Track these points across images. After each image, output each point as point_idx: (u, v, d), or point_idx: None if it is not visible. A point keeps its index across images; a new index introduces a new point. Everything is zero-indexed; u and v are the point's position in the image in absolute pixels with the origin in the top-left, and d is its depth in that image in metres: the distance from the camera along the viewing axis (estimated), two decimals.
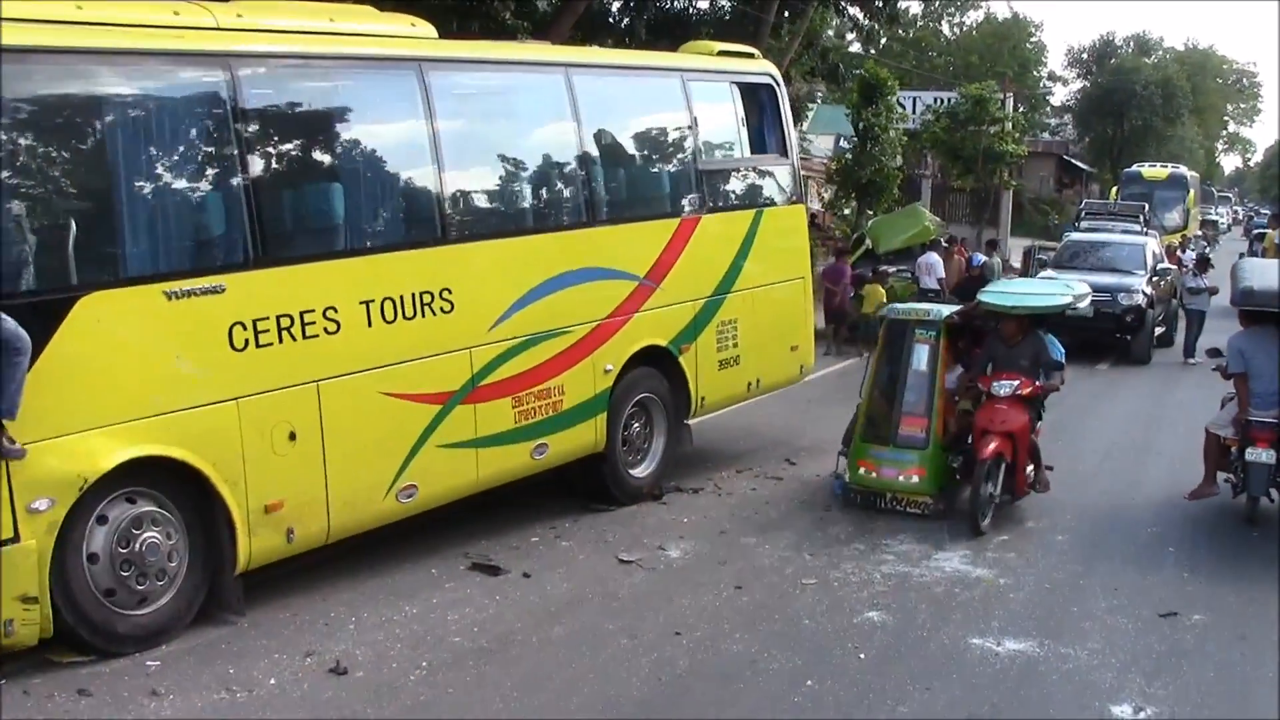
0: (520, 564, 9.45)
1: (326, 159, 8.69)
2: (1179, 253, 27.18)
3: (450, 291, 9.11)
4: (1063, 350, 11.10)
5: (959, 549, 10.06)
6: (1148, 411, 16.72)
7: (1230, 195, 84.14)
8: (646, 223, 11.12)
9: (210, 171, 7.91)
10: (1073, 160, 71.39)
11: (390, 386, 8.73)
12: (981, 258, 23.31)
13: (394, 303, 8.73)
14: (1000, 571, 9.57)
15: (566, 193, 10.51)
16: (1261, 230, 46.99)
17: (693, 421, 12.07)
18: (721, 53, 12.56)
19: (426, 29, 9.63)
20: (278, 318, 8.03)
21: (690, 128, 11.57)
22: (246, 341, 7.87)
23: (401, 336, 8.79)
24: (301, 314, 8.17)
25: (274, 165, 8.28)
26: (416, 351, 8.92)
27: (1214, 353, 11.81)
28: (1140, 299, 20.76)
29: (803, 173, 34.54)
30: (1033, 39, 73.11)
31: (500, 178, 9.93)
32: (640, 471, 11.25)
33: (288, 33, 8.48)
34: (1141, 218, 32.04)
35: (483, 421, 9.45)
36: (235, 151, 7.90)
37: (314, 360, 8.25)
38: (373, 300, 8.61)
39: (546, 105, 10.40)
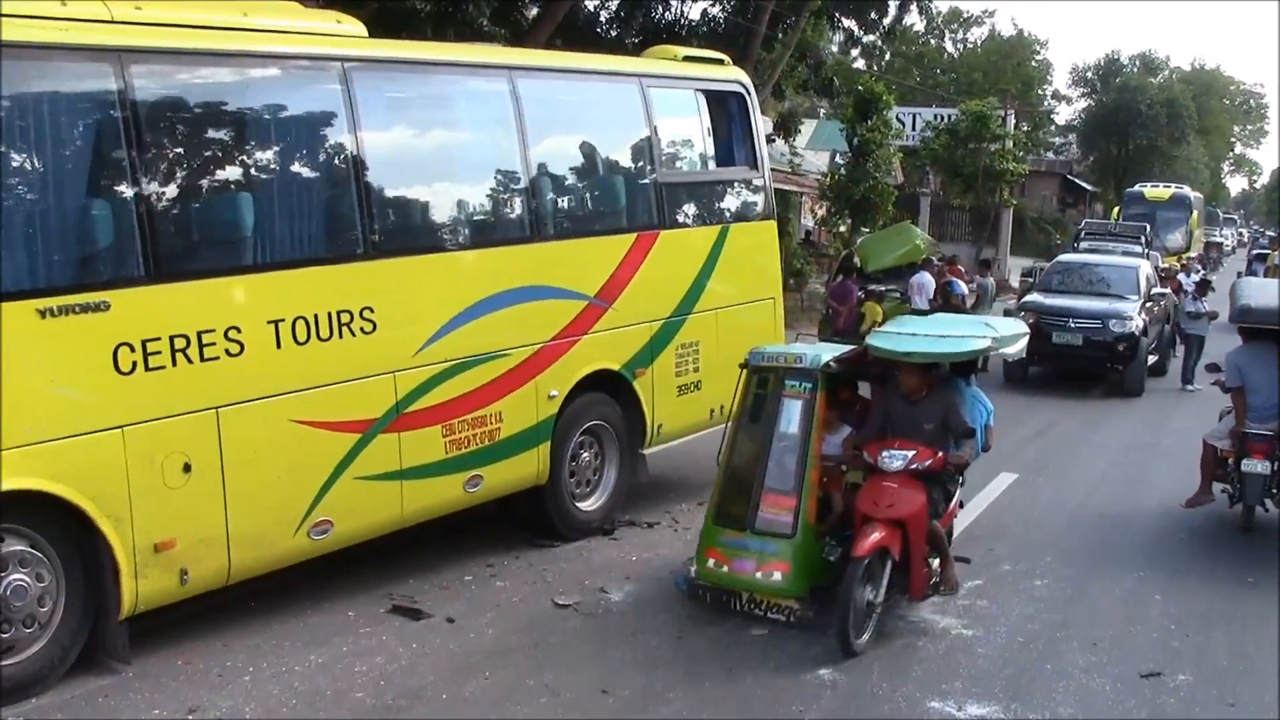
0: (447, 606, 8.71)
1: (232, 165, 7.92)
2: (1179, 276, 26.23)
3: (372, 311, 8.37)
4: (990, 410, 9.48)
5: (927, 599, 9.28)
6: (1142, 441, 15.84)
7: (1235, 217, 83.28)
8: (598, 238, 10.38)
9: (96, 177, 7.18)
10: (1076, 180, 70.76)
11: (301, 414, 7.99)
12: (962, 287, 20.86)
13: (307, 323, 7.99)
14: (969, 621, 8.80)
15: (508, 206, 9.77)
16: (1263, 252, 46.19)
17: (651, 451, 11.30)
18: (687, 58, 11.83)
19: (355, 27, 8.89)
20: (171, 338, 7.29)
21: (649, 137, 10.84)
22: (134, 364, 7.13)
23: (315, 359, 8.05)
24: (199, 334, 7.43)
25: (170, 171, 7.52)
26: (332, 376, 8.17)
27: (1213, 368, 12.25)
28: (1133, 326, 19.39)
29: (797, 190, 34.28)
30: (1038, 56, 72.48)
31: (432, 189, 9.17)
32: (589, 504, 10.50)
33: (192, 28, 7.71)
34: (1143, 239, 31.40)
35: (408, 452, 8.70)
36: (125, 156, 7.17)
37: (213, 385, 7.50)
38: (282, 320, 7.87)
39: (487, 111, 9.67)
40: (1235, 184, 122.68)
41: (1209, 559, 10.57)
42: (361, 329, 8.31)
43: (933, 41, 69.57)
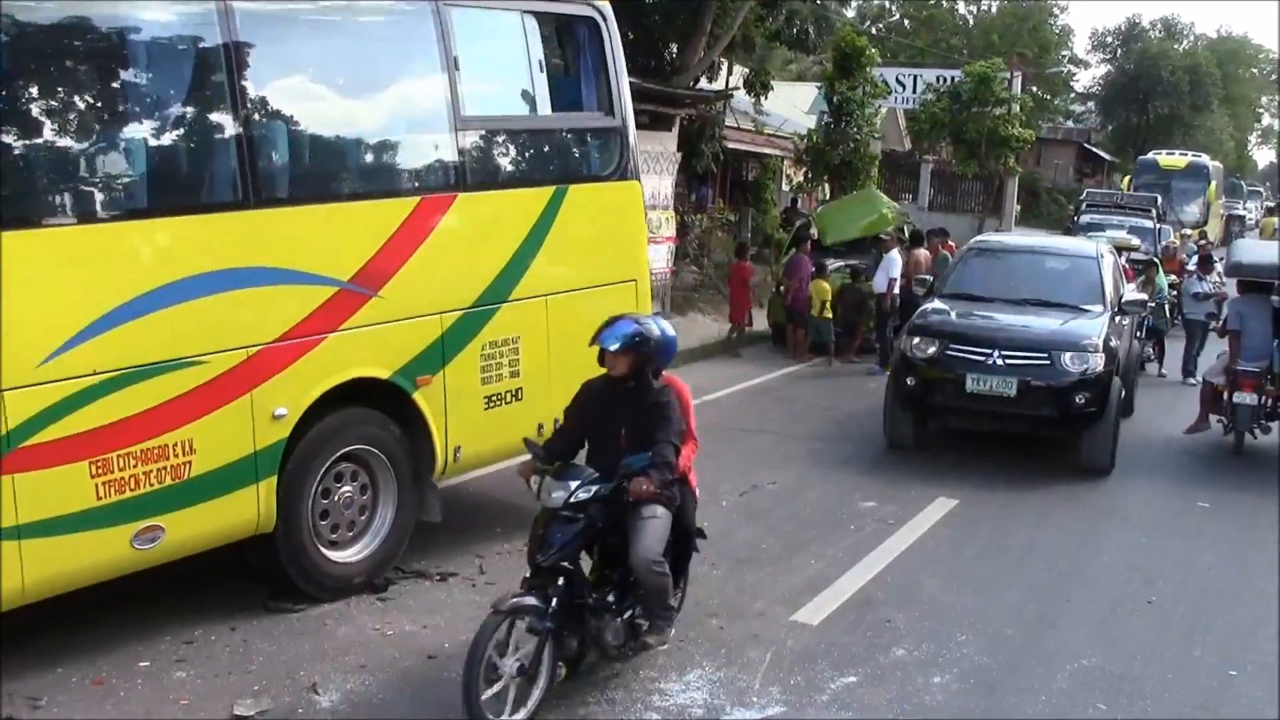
0: (89, 709, 6.19)
1: None
2: (1179, 256, 23.22)
3: None
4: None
5: (772, 697, 6.73)
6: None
7: (1261, 190, 79.84)
8: (357, 203, 7.81)
9: None
10: (1094, 149, 67.82)
11: None
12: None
13: None
14: None
15: (207, 160, 7.18)
16: (1238, 214, 44.82)
17: (453, 481, 8.76)
18: None
19: None
20: None
21: (445, 71, 8.22)
22: None
23: None
24: None
25: None
26: None
27: (1213, 315, 14.89)
28: (1098, 361, 11.77)
29: (775, 153, 31.49)
30: (1056, 20, 69.25)
31: (75, 136, 6.56)
32: (350, 554, 7.97)
33: None
34: (1154, 211, 28.67)
35: (29, 500, 6.16)
36: None
37: None
38: None
39: (172, 32, 7.02)
40: (1263, 156, 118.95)
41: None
42: None
43: (944, 3, 66.53)
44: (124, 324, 6.51)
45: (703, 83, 24.62)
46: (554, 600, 6.13)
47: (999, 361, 11.70)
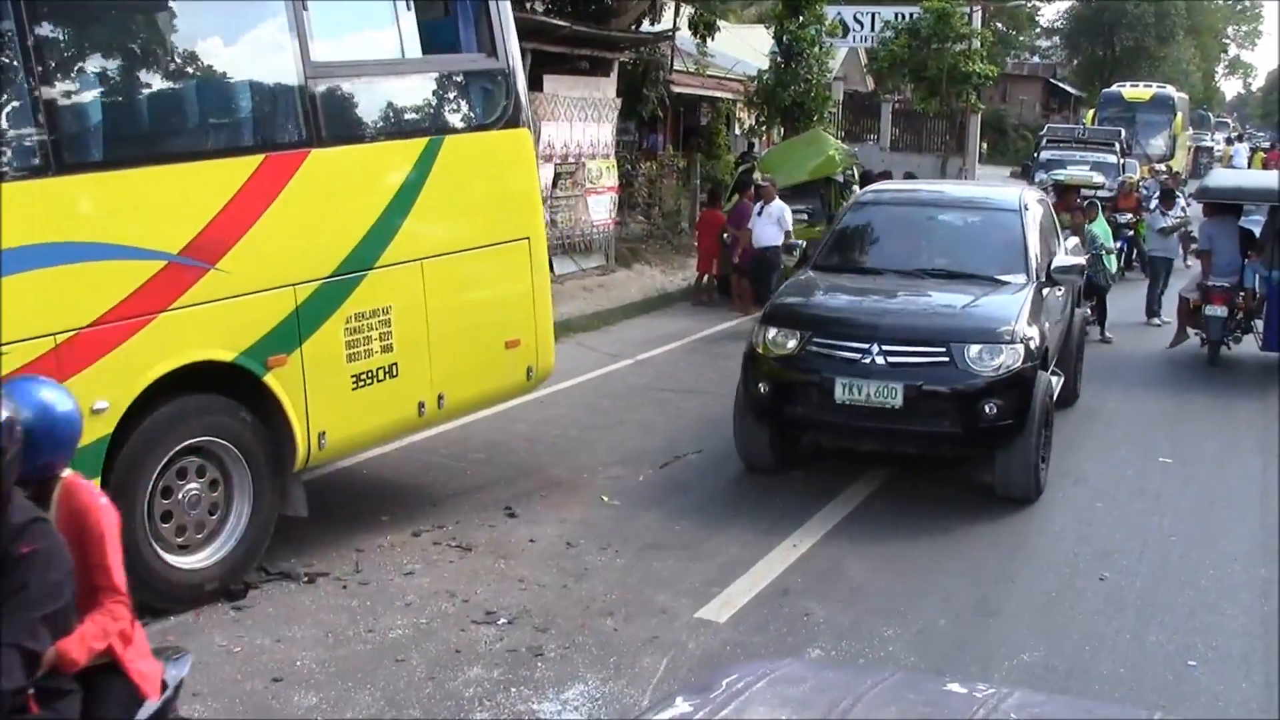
0: None
1: None
2: (1137, 192, 22.07)
3: None
4: None
5: None
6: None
7: (1229, 120, 78.99)
8: (185, 165, 6.85)
9: None
10: (1060, 84, 67.05)
11: None
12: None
13: None
14: None
15: None
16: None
17: (320, 473, 7.89)
18: None
19: None
20: None
21: (290, 10, 7.25)
22: None
23: None
24: None
25: None
26: None
27: (1191, 239, 16.89)
28: (1016, 354, 8.73)
29: (727, 96, 30.45)
30: None
31: None
32: (201, 559, 7.08)
33: None
34: (1118, 145, 27.88)
35: None
36: None
37: None
38: None
39: None
40: (1230, 87, 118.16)
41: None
42: None
43: None
44: None
45: (646, 25, 23.58)
46: None
47: (879, 360, 8.62)
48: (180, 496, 6.96)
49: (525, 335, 8.77)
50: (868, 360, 8.65)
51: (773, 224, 16.49)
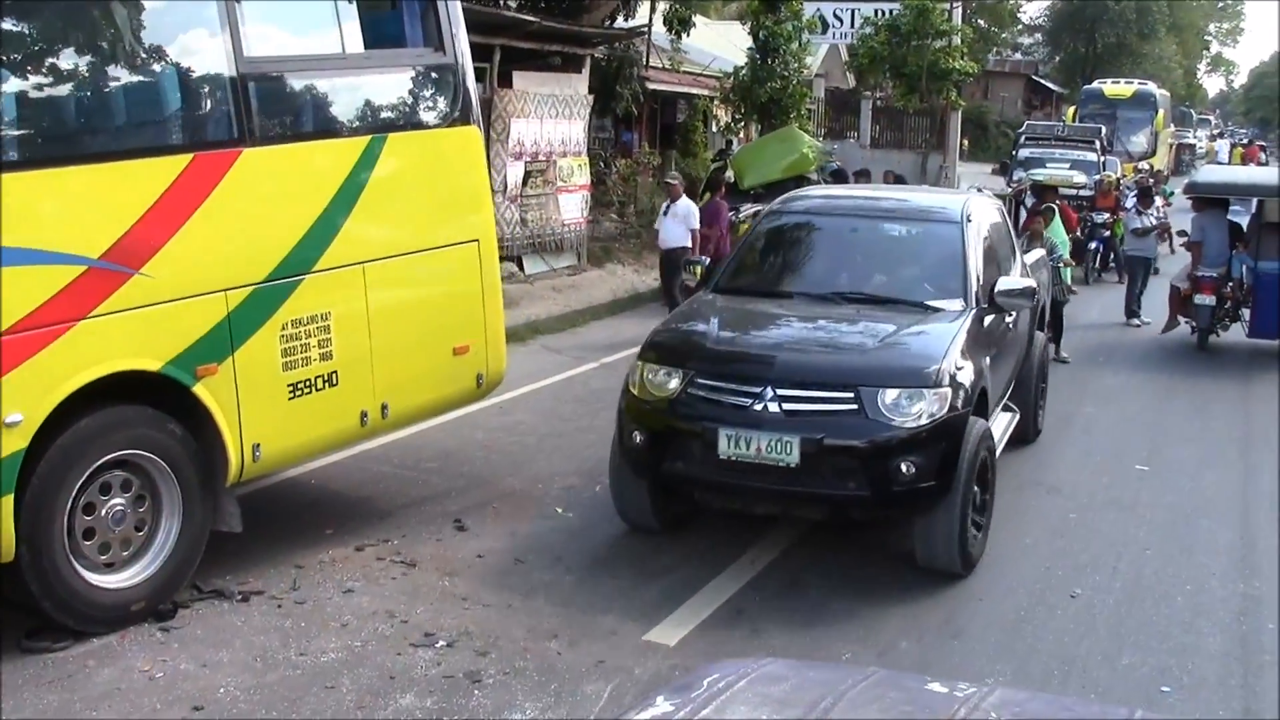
0: None
1: None
2: (1114, 192, 21.72)
3: None
4: None
5: None
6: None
7: (1211, 118, 78.95)
8: (105, 165, 6.48)
9: None
10: (1042, 80, 66.97)
11: None
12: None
13: None
14: None
15: None
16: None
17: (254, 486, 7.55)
18: None
19: None
20: None
21: (221, 4, 6.89)
22: None
23: None
24: None
25: None
26: None
27: (1181, 233, 17.14)
28: (938, 401, 7.17)
29: (704, 93, 30.11)
30: None
31: None
32: (127, 578, 6.73)
33: None
34: (1098, 143, 27.68)
35: None
36: None
37: None
38: None
39: None
40: (1213, 85, 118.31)
41: None
42: None
43: None
44: None
45: (620, 20, 23.26)
46: None
47: (771, 407, 7.08)
48: (104, 513, 6.61)
49: (475, 341, 8.44)
50: (759, 407, 7.09)
51: (679, 224, 15.39)
